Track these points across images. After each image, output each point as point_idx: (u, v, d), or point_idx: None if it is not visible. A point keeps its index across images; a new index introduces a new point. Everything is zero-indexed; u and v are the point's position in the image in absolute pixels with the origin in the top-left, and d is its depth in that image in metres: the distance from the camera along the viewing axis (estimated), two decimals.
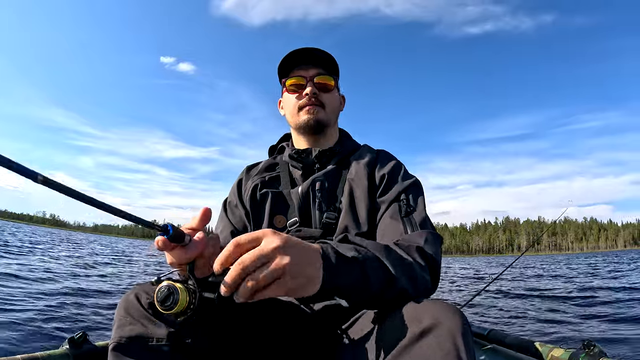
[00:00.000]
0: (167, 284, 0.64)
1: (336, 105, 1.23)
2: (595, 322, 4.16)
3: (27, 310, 3.48)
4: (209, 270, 0.72)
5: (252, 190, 1.17)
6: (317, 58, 1.17)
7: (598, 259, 31.67)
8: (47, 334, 2.83)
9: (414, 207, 1.02)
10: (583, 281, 9.96)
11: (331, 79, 1.19)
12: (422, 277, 0.83)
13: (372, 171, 1.13)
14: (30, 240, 19.76)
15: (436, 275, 0.89)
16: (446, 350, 0.60)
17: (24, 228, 61.73)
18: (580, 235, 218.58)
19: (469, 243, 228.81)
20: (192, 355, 0.77)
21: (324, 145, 1.22)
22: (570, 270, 15.23)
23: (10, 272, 6.30)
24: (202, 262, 0.70)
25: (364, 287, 0.70)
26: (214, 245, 0.71)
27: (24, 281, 5.52)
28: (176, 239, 0.64)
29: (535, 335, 3.73)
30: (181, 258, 0.67)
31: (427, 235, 0.93)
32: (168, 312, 0.63)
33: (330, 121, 1.21)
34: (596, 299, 6.14)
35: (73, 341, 1.20)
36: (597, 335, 3.57)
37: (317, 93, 1.16)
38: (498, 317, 4.79)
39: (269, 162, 1.27)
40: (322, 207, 1.08)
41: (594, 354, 1.24)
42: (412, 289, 0.79)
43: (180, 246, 0.66)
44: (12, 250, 10.73)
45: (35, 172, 0.41)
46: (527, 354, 1.43)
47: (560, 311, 5.09)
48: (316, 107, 1.16)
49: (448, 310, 0.65)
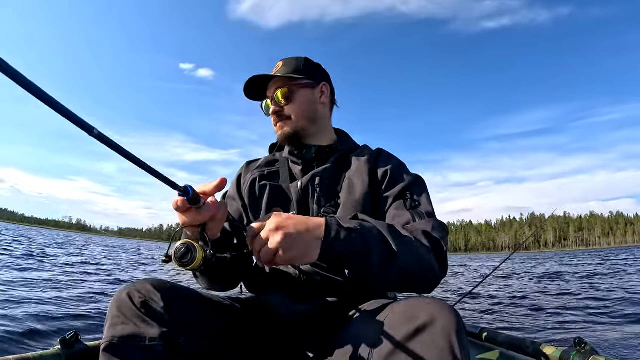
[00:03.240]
0: (185, 242, 0.71)
1: (304, 108, 1.17)
2: (587, 320, 4.08)
3: (19, 311, 3.51)
4: (218, 232, 0.83)
5: (251, 183, 1.19)
6: (269, 78, 1.16)
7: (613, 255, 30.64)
8: (38, 334, 2.85)
9: (418, 201, 1.03)
10: (582, 279, 9.70)
11: (285, 90, 1.14)
12: (428, 260, 0.85)
13: (373, 168, 1.12)
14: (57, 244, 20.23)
15: (443, 261, 0.89)
16: (440, 348, 0.60)
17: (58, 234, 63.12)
18: (607, 230, 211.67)
19: (495, 240, 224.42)
20: (184, 355, 0.76)
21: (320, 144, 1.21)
22: (573, 268, 14.81)
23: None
24: (213, 224, 0.77)
25: (365, 257, 0.77)
26: (224, 212, 0.78)
27: (15, 281, 5.59)
28: (194, 201, 0.69)
29: (527, 333, 3.66)
30: (195, 219, 0.74)
31: (434, 222, 0.94)
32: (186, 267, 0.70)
33: (304, 126, 1.17)
34: (592, 296, 6.00)
35: (65, 341, 1.18)
36: (588, 333, 3.49)
37: (279, 110, 1.16)
38: (490, 315, 4.71)
39: (269, 158, 1.28)
40: (321, 202, 1.09)
41: (585, 351, 1.21)
42: (416, 268, 0.82)
43: (195, 208, 0.72)
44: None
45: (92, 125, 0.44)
46: (519, 352, 1.41)
47: (553, 309, 4.98)
48: (282, 122, 1.16)
49: (442, 308, 0.65)
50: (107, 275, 7.83)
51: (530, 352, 1.37)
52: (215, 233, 0.81)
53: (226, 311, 0.93)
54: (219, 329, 0.87)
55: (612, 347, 2.96)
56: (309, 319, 1.00)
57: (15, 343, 2.58)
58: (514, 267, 16.93)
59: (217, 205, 0.76)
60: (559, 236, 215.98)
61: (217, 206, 0.76)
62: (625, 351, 2.83)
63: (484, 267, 18.83)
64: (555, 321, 4.14)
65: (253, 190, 1.18)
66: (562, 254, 63.33)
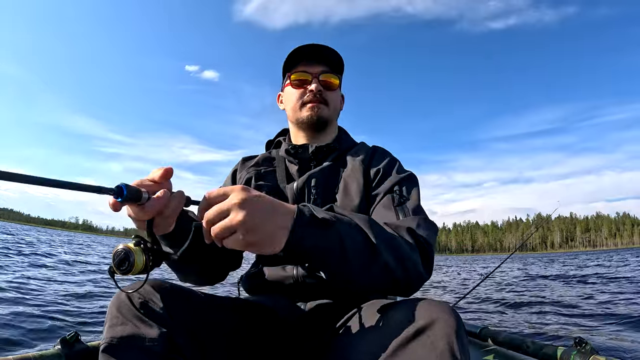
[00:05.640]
0: (123, 247, 0.64)
1: (338, 104, 1.23)
2: (588, 320, 4.05)
3: (19, 310, 3.52)
4: (169, 226, 0.75)
5: (246, 181, 1.17)
6: (324, 56, 1.16)
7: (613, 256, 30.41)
8: (39, 334, 2.85)
9: (407, 197, 0.99)
10: (582, 279, 9.64)
11: (336, 78, 1.18)
12: (411, 257, 0.79)
13: (367, 168, 1.11)
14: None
15: (428, 260, 0.84)
16: (441, 350, 0.59)
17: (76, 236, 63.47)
18: (613, 231, 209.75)
19: (502, 241, 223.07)
20: (184, 356, 0.75)
21: (322, 142, 1.20)
22: (576, 268, 14.72)
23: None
24: (160, 219, 0.70)
25: (339, 253, 0.69)
26: (175, 205, 0.70)
27: (18, 280, 5.61)
28: (132, 200, 0.63)
29: (527, 332, 3.63)
30: (139, 215, 0.67)
31: (420, 220, 0.89)
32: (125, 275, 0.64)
33: (331, 119, 1.21)
34: (593, 297, 5.96)
35: (65, 341, 1.19)
36: (589, 333, 3.46)
37: (321, 90, 1.15)
38: (491, 314, 4.69)
39: (265, 155, 1.26)
40: (317, 203, 1.07)
41: (586, 351, 1.21)
42: (401, 268, 0.76)
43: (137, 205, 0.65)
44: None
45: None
46: (520, 352, 1.41)
47: (554, 309, 4.95)
48: (320, 104, 1.15)
49: (442, 310, 0.64)
50: (107, 275, 7.83)
51: (530, 351, 1.37)
52: (166, 228, 0.74)
53: (226, 312, 0.92)
54: (219, 329, 0.86)
55: (612, 347, 2.93)
56: (308, 320, 0.99)
57: (16, 342, 2.59)
58: (515, 267, 16.86)
59: (164, 200, 0.67)
60: (566, 237, 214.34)
61: (164, 202, 0.67)
62: (626, 352, 2.80)
63: (490, 267, 18.73)
64: (556, 321, 4.12)
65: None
66: (569, 255, 62.90)
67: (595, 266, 15.86)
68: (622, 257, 24.70)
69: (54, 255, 11.87)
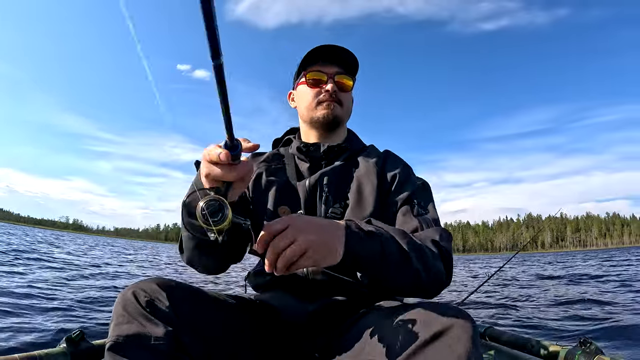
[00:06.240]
0: (215, 197, 0.59)
1: (351, 105, 1.25)
2: (592, 320, 4.07)
3: (25, 309, 3.51)
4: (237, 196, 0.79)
5: (257, 176, 1.17)
6: (341, 57, 1.17)
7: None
8: (44, 333, 2.84)
9: (425, 207, 1.06)
10: (582, 279, 9.73)
11: (350, 80, 1.20)
12: (435, 265, 0.87)
13: (382, 170, 1.13)
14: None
15: (450, 269, 0.92)
16: (458, 355, 0.60)
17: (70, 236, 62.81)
18: (604, 231, 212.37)
19: (493, 241, 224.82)
20: (190, 354, 0.76)
21: (333, 142, 1.21)
22: (575, 268, 14.85)
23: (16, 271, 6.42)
24: (239, 185, 0.71)
25: (382, 260, 0.78)
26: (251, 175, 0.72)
27: (22, 278, 5.59)
28: (235, 157, 0.62)
29: (531, 332, 3.66)
30: (226, 176, 0.66)
31: (442, 232, 0.97)
32: (214, 227, 0.58)
33: (344, 120, 1.22)
34: (596, 296, 6.01)
35: (71, 340, 1.19)
36: (594, 333, 3.48)
37: (337, 91, 1.17)
38: (494, 314, 4.71)
39: (274, 152, 1.27)
40: (329, 202, 1.08)
41: (590, 351, 1.22)
42: (425, 274, 0.84)
43: (231, 164, 0.64)
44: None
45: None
46: (524, 351, 1.42)
47: (557, 308, 4.98)
48: (335, 103, 1.17)
49: (459, 315, 0.65)
50: (112, 275, 7.82)
51: (534, 351, 1.38)
52: (234, 197, 0.76)
53: (232, 310, 0.92)
54: (225, 328, 0.86)
55: (617, 347, 2.95)
56: (316, 319, 0.99)
57: (21, 341, 2.57)
58: (515, 268, 16.96)
59: (251, 165, 0.69)
60: (556, 237, 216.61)
61: (251, 167, 0.69)
62: (631, 352, 2.82)
63: (487, 267, 18.83)
64: (560, 321, 4.14)
65: (259, 184, 1.16)
66: (561, 254, 63.45)
67: (595, 266, 15.96)
68: (623, 257, 24.93)
69: (53, 255, 11.76)
